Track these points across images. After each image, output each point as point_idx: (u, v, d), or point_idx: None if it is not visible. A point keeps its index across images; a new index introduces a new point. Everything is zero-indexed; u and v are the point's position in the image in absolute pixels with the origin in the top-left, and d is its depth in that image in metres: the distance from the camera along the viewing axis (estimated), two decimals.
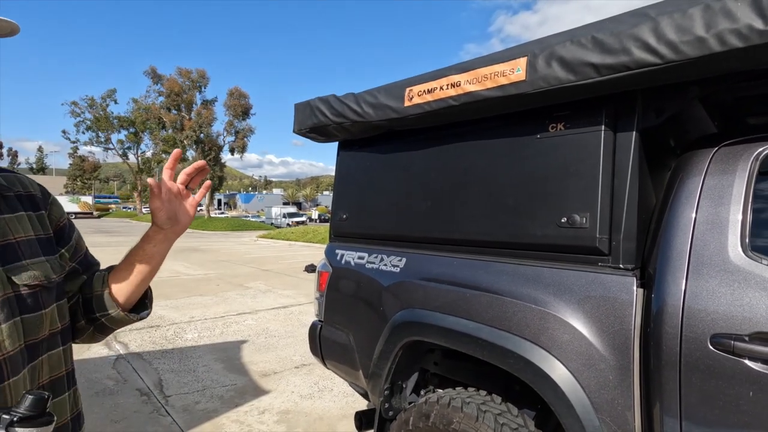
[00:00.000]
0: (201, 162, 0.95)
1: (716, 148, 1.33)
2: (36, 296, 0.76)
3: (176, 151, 0.93)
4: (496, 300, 1.56)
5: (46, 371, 0.79)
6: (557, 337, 1.39)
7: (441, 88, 1.64)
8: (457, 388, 1.76)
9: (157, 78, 36.09)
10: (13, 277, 0.73)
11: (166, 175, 0.91)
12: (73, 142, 46.68)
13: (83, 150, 52.14)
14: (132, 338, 4.99)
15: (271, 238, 20.84)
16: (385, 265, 2.01)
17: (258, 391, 3.69)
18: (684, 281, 1.22)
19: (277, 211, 40.30)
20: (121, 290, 0.91)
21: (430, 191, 1.90)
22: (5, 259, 0.74)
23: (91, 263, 0.96)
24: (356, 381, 2.24)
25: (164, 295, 7.18)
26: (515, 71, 1.42)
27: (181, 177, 0.94)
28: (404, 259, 1.95)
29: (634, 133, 1.35)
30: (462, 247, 1.77)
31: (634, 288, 1.29)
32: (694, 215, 1.27)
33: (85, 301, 0.92)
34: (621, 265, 1.35)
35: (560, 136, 1.49)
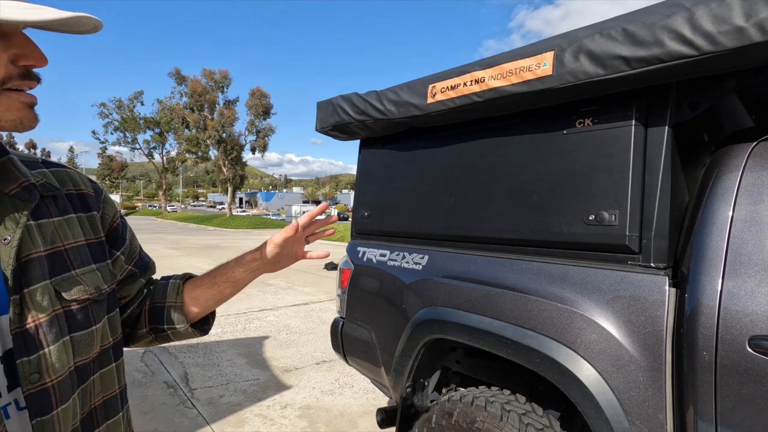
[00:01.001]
0: (331, 218, 0.95)
1: (755, 143, 1.27)
2: (86, 311, 0.68)
3: (323, 205, 0.94)
4: (521, 298, 1.53)
5: (98, 392, 0.72)
6: (584, 337, 1.36)
7: (464, 84, 1.62)
8: (480, 387, 1.74)
9: (181, 79, 36.89)
10: (62, 292, 0.65)
11: (303, 220, 0.90)
12: (102, 143, 48.27)
13: (111, 150, 53.89)
14: None
15: None
16: (407, 262, 2.00)
17: (280, 386, 3.75)
18: (720, 281, 1.17)
19: (297, 209, 40.71)
20: (195, 306, 0.87)
21: (453, 188, 1.88)
22: (53, 271, 0.65)
23: (147, 264, 0.89)
24: (378, 378, 2.24)
25: None
26: (541, 66, 1.39)
27: (304, 218, 0.91)
28: (426, 257, 1.94)
29: (667, 127, 1.31)
30: (486, 245, 1.75)
31: (666, 288, 1.25)
32: (731, 213, 1.23)
33: (153, 309, 0.86)
34: (652, 264, 1.31)
35: (588, 132, 1.46)
